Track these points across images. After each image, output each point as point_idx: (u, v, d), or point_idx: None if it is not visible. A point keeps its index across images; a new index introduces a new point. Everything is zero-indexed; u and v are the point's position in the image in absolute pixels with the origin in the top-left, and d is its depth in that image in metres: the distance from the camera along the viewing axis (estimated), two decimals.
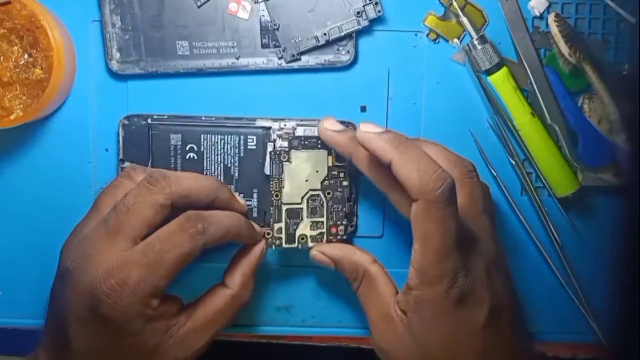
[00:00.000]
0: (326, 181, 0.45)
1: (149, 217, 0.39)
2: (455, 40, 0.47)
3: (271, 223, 0.45)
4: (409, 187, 0.38)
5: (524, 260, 0.49)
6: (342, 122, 0.46)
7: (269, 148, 0.45)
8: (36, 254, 0.48)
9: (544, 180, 0.48)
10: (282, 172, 0.45)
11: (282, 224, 0.45)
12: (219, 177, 0.46)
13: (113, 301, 0.38)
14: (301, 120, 0.46)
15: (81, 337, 0.39)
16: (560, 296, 0.49)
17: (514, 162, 0.48)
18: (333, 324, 0.49)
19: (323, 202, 0.45)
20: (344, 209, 0.45)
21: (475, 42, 0.46)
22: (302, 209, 0.45)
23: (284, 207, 0.45)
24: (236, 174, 0.46)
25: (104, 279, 0.38)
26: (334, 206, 0.45)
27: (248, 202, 0.47)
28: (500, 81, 0.47)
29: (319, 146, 0.45)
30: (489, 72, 0.47)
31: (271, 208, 0.45)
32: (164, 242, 0.39)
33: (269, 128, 0.46)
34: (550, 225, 0.48)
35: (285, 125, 0.46)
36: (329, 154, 0.45)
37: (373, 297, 0.43)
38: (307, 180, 0.45)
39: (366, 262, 0.44)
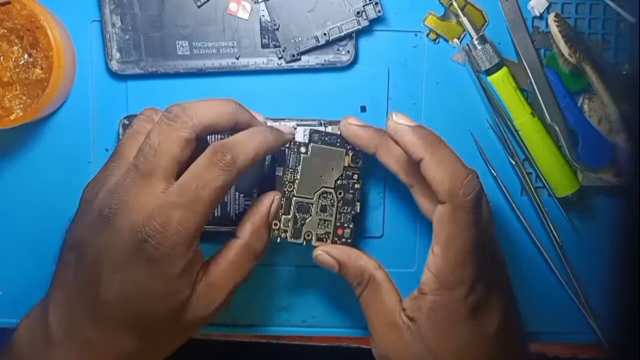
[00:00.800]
0: (340, 180, 0.45)
1: (177, 154, 0.39)
2: (455, 40, 0.47)
3: (280, 214, 0.44)
4: (438, 189, 0.38)
5: (524, 260, 0.49)
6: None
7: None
8: (36, 254, 0.48)
9: (544, 180, 0.48)
10: (299, 164, 0.44)
11: (290, 216, 0.44)
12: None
13: (157, 242, 0.37)
14: (301, 120, 0.46)
15: (114, 283, 0.38)
16: (560, 296, 0.49)
17: (514, 162, 0.48)
18: (333, 324, 0.49)
19: (334, 201, 0.45)
20: (352, 212, 0.45)
21: (475, 42, 0.46)
22: (312, 204, 0.44)
23: (295, 200, 0.44)
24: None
25: (147, 221, 0.37)
26: (344, 207, 0.45)
27: (248, 203, 0.47)
28: (500, 81, 0.47)
29: (338, 144, 0.45)
30: (489, 72, 0.47)
31: (283, 199, 0.44)
32: (198, 180, 0.38)
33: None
34: (550, 225, 0.48)
35: (285, 125, 0.46)
36: (346, 153, 0.45)
37: (377, 304, 0.42)
38: (321, 177, 0.44)
39: (372, 268, 0.43)
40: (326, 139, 0.45)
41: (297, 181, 0.44)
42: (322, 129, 0.45)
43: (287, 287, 0.49)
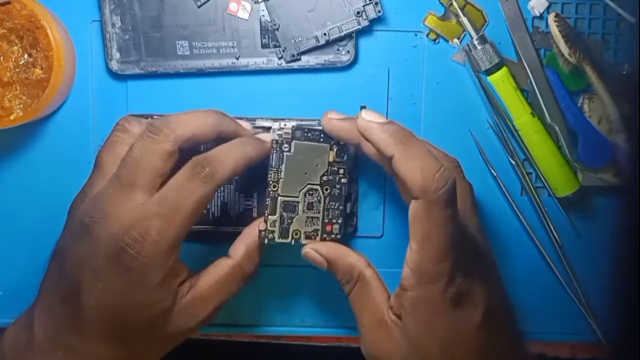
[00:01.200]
0: (325, 176, 0.44)
1: (159, 167, 0.39)
2: (455, 40, 0.47)
3: (265, 215, 0.43)
4: (411, 185, 0.38)
5: (524, 260, 0.49)
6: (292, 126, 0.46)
7: (272, 137, 0.44)
8: (36, 254, 0.48)
9: (544, 180, 0.48)
10: (283, 163, 0.43)
11: (277, 217, 0.43)
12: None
13: (135, 251, 0.38)
14: (301, 120, 0.46)
15: (94, 292, 0.38)
16: (560, 296, 0.49)
17: (514, 162, 0.48)
18: (333, 324, 0.49)
19: (320, 197, 0.44)
20: (341, 207, 0.44)
21: (475, 42, 0.46)
22: (298, 202, 0.44)
23: (280, 199, 0.43)
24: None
25: (126, 231, 0.38)
26: (331, 203, 0.44)
27: (248, 203, 0.47)
28: (500, 81, 0.47)
29: (322, 139, 0.44)
30: (489, 72, 0.47)
31: (267, 199, 0.43)
32: (178, 191, 0.39)
33: (269, 128, 0.46)
34: (550, 225, 0.48)
35: (285, 125, 0.46)
36: (330, 148, 0.44)
37: (366, 302, 0.42)
38: (306, 174, 0.44)
39: (361, 265, 0.43)
40: (309, 135, 0.44)
41: (281, 180, 0.43)
42: (305, 124, 0.45)
43: (287, 287, 0.49)
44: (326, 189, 0.44)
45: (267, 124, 0.46)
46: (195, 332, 0.41)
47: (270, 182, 0.43)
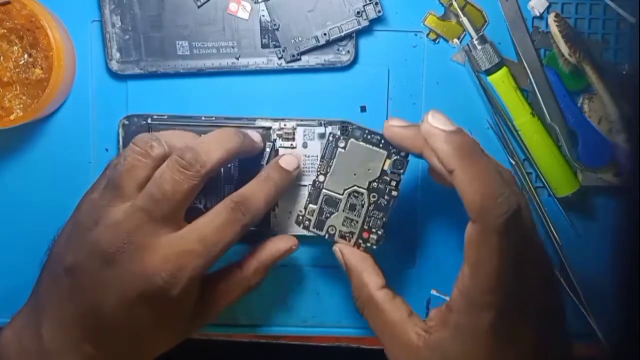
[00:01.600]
0: (375, 183, 0.43)
1: (188, 201, 0.40)
2: (455, 40, 0.47)
3: (306, 203, 0.43)
4: (469, 206, 0.35)
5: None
6: (342, 122, 0.46)
7: (278, 142, 0.45)
8: (36, 254, 0.48)
9: (544, 180, 0.48)
10: (334, 157, 0.43)
11: (317, 207, 0.43)
12: (219, 177, 0.46)
13: (170, 286, 0.38)
14: (301, 120, 0.46)
15: (120, 316, 0.39)
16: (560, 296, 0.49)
17: (514, 162, 0.48)
18: (333, 324, 0.49)
19: (364, 202, 0.43)
20: (384, 219, 0.43)
21: (475, 42, 0.46)
22: (340, 200, 0.43)
23: (324, 192, 0.43)
24: (236, 174, 0.46)
25: (161, 266, 0.38)
26: (375, 212, 0.43)
27: None
28: (500, 81, 0.47)
29: (381, 145, 0.43)
30: (489, 72, 0.47)
31: (311, 188, 0.43)
32: (219, 233, 0.40)
33: (269, 128, 0.46)
34: (550, 225, 0.48)
35: (285, 125, 0.46)
36: (388, 157, 0.42)
37: (382, 323, 0.40)
38: (355, 175, 0.43)
39: (372, 287, 0.41)
40: (369, 137, 0.43)
41: (328, 174, 0.43)
42: (365, 127, 0.43)
43: (287, 287, 0.49)
44: (373, 196, 0.43)
45: (267, 124, 0.46)
46: (196, 330, 0.43)
47: (319, 173, 0.43)
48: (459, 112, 0.48)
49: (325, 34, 0.46)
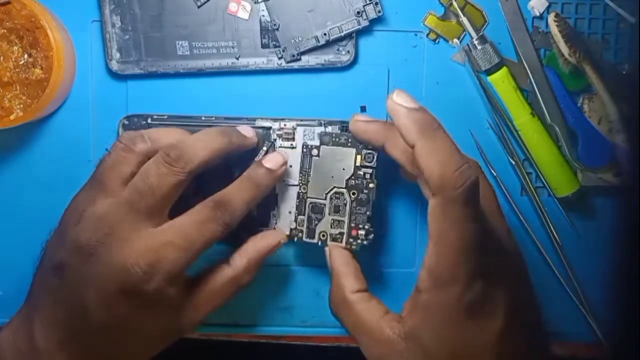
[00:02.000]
0: (351, 180, 0.44)
1: (173, 196, 0.41)
2: (455, 40, 0.47)
3: (295, 216, 0.45)
4: (429, 179, 0.36)
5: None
6: (342, 122, 0.46)
7: (278, 143, 0.46)
8: (36, 254, 0.48)
9: (544, 180, 0.48)
10: (311, 167, 0.44)
11: (305, 217, 0.45)
12: (219, 177, 0.46)
13: (148, 277, 0.38)
14: (301, 120, 0.46)
15: (102, 310, 0.39)
16: (560, 296, 0.49)
17: (514, 162, 0.48)
18: (333, 324, 0.49)
19: (346, 201, 0.44)
20: (368, 213, 0.44)
21: (475, 42, 0.46)
22: (325, 205, 0.44)
23: (308, 201, 0.45)
24: (236, 174, 0.46)
25: (140, 257, 0.39)
26: (358, 208, 0.44)
27: None
28: (500, 81, 0.47)
29: (349, 144, 0.44)
30: (489, 72, 0.47)
31: (297, 201, 0.45)
32: (199, 230, 0.40)
33: (269, 128, 0.46)
34: (550, 225, 0.48)
35: (285, 125, 0.46)
36: (357, 153, 0.44)
37: (356, 326, 0.40)
38: (332, 177, 0.44)
39: (348, 290, 0.41)
40: (337, 139, 0.44)
41: (309, 183, 0.45)
42: (333, 131, 0.45)
43: (287, 287, 0.49)
44: (353, 193, 0.44)
45: (267, 124, 0.46)
46: (188, 332, 0.43)
47: (301, 184, 0.45)
48: (459, 112, 0.48)
49: (325, 34, 0.46)
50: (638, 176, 0.34)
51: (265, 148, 0.46)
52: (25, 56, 0.44)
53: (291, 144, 0.46)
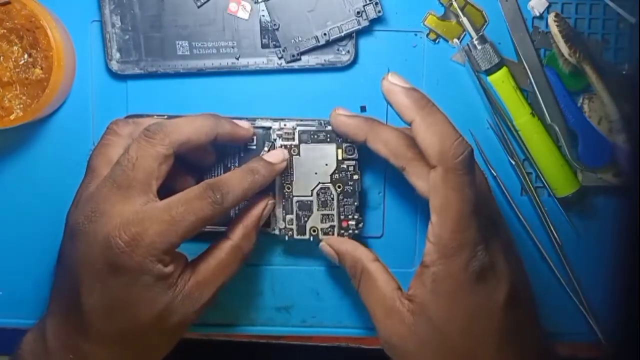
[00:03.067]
0: (336, 174, 0.45)
1: (154, 170, 0.40)
2: (455, 40, 0.47)
3: (283, 215, 0.45)
4: (429, 151, 0.38)
5: (524, 260, 0.49)
6: None
7: (278, 143, 0.45)
8: (36, 254, 0.48)
9: (544, 180, 0.48)
10: (292, 166, 0.45)
11: (293, 216, 0.45)
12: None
13: (131, 249, 0.38)
14: (301, 120, 0.46)
15: (93, 291, 0.39)
16: (560, 296, 0.49)
17: (514, 162, 0.48)
18: (333, 324, 0.49)
19: (333, 195, 0.45)
20: (355, 204, 0.46)
21: (475, 42, 0.46)
22: (312, 201, 0.45)
23: (295, 199, 0.45)
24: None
25: (123, 229, 0.38)
26: (345, 200, 0.45)
27: (247, 202, 0.46)
28: (500, 81, 0.47)
29: (328, 140, 0.45)
30: (489, 72, 0.47)
31: (283, 201, 0.45)
32: (186, 205, 0.39)
33: (269, 128, 0.46)
34: (550, 225, 0.48)
35: (285, 125, 0.46)
36: (338, 147, 0.45)
37: (374, 295, 0.42)
38: (316, 173, 0.45)
39: (365, 259, 0.43)
40: (315, 137, 0.45)
41: (293, 182, 0.45)
42: (310, 128, 0.45)
43: (287, 287, 0.49)
44: (338, 187, 0.45)
45: (267, 124, 0.46)
46: (199, 315, 0.41)
47: (285, 184, 0.45)
48: (459, 112, 0.48)
49: (325, 34, 0.46)
50: (638, 176, 0.34)
51: (266, 148, 0.46)
52: (25, 56, 0.44)
53: (291, 144, 0.46)
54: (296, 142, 0.45)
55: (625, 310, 0.33)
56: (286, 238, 0.46)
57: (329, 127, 0.45)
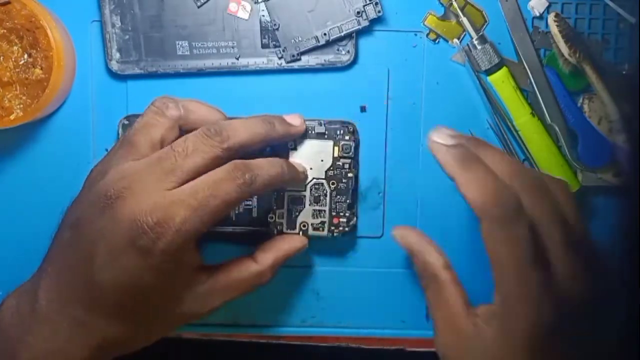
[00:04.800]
0: (331, 171, 0.46)
1: (202, 167, 0.40)
2: (455, 40, 0.47)
3: (274, 209, 0.46)
4: (473, 206, 0.38)
5: None
6: (342, 122, 0.46)
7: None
8: (36, 254, 0.48)
9: None
10: (287, 159, 0.45)
11: (284, 210, 0.46)
12: None
13: (156, 236, 0.38)
14: None
15: (108, 267, 0.38)
16: None
17: None
18: (333, 324, 0.49)
19: (326, 191, 0.46)
20: (348, 201, 0.46)
21: (475, 42, 0.46)
22: (305, 196, 0.46)
23: (287, 194, 0.46)
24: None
25: (150, 212, 0.38)
26: (338, 197, 0.46)
27: (248, 203, 0.47)
28: (500, 81, 0.47)
29: (326, 136, 0.45)
30: (489, 72, 0.47)
31: (274, 195, 0.45)
32: (213, 188, 0.39)
33: None
34: None
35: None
36: (335, 144, 0.45)
37: (440, 305, 0.41)
38: (311, 169, 0.46)
39: (437, 267, 0.42)
40: (313, 132, 0.45)
41: None
42: (309, 124, 0.46)
43: (287, 287, 0.49)
44: (332, 183, 0.46)
45: None
46: (202, 317, 0.42)
47: None
48: (459, 112, 0.48)
49: (325, 34, 0.46)
50: (638, 176, 0.34)
51: (268, 149, 0.46)
52: (25, 56, 0.44)
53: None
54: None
55: (626, 311, 0.33)
56: (275, 232, 0.46)
57: (328, 125, 0.46)
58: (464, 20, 0.46)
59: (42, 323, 0.39)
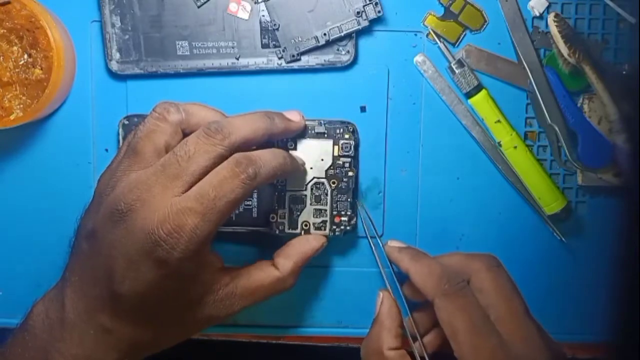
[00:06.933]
0: (331, 170, 0.46)
1: (207, 167, 0.40)
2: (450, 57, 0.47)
3: (275, 209, 0.46)
4: (424, 291, 0.43)
5: (524, 260, 0.49)
6: (342, 122, 0.46)
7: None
8: (36, 254, 0.48)
9: (533, 198, 0.47)
10: None
11: (286, 210, 0.46)
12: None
13: (170, 246, 0.38)
14: None
15: (127, 279, 0.39)
16: (560, 296, 0.49)
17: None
18: (333, 324, 0.49)
19: (327, 190, 0.46)
20: (349, 200, 0.46)
21: (454, 67, 0.46)
22: (305, 196, 0.46)
23: (288, 194, 0.46)
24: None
25: (161, 224, 0.38)
26: (339, 196, 0.46)
27: (248, 202, 0.47)
28: (480, 104, 0.47)
29: (326, 135, 0.46)
30: (469, 95, 0.47)
31: (275, 193, 0.45)
32: (217, 189, 0.39)
33: None
34: (551, 224, 0.48)
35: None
36: (335, 143, 0.46)
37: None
38: (311, 168, 0.46)
39: (386, 346, 0.44)
40: (313, 132, 0.46)
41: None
42: (308, 124, 0.46)
43: None
44: (333, 182, 0.46)
45: None
46: (222, 322, 0.42)
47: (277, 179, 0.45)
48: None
49: (325, 34, 0.46)
50: (638, 176, 0.34)
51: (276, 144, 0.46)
52: (25, 56, 0.44)
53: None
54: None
55: (626, 311, 0.33)
56: (277, 232, 0.46)
57: (328, 124, 0.46)
58: (441, 46, 0.47)
59: (71, 331, 0.40)
